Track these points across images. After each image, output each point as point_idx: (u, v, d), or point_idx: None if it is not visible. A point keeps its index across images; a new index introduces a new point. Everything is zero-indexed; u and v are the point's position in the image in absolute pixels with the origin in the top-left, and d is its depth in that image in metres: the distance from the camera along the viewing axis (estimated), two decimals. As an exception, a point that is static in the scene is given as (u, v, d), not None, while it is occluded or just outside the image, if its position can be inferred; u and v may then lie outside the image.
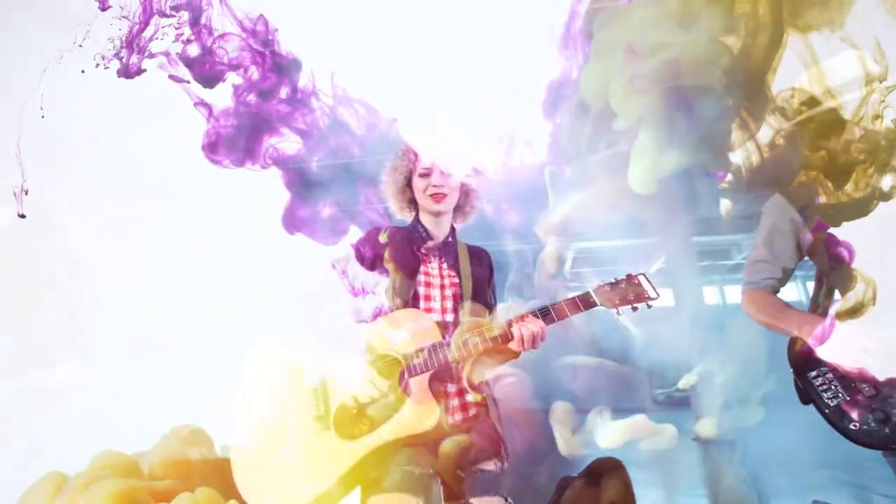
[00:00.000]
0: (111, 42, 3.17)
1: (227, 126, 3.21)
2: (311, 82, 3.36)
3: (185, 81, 3.19)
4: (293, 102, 3.31)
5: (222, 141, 3.21)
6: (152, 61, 3.20)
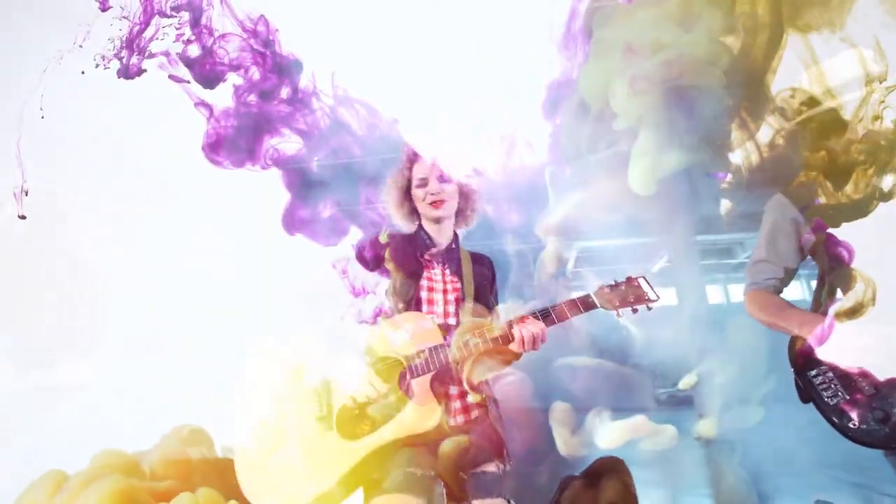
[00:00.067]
0: (111, 42, 3.17)
1: (228, 126, 3.21)
2: (312, 82, 3.36)
3: (186, 81, 3.19)
4: (294, 103, 3.31)
5: (223, 141, 3.21)
6: (152, 61, 3.20)
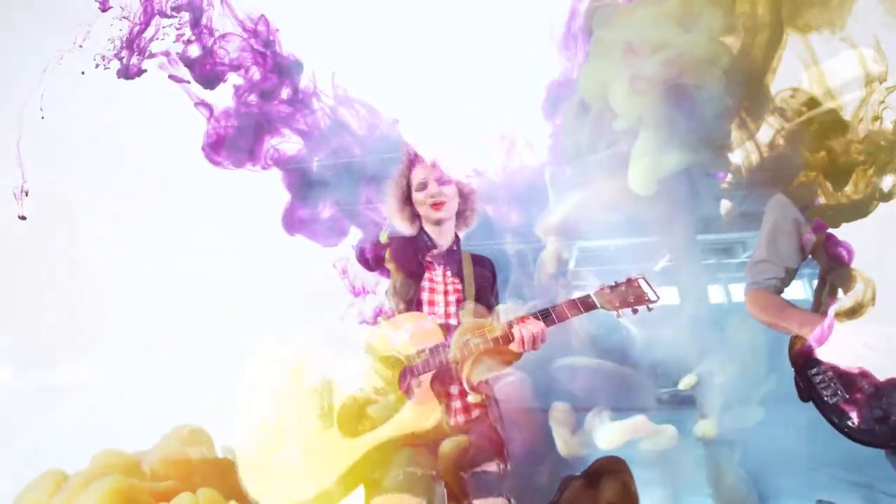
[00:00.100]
0: (111, 42, 3.17)
1: (228, 126, 3.21)
2: (313, 83, 3.36)
3: (186, 82, 3.19)
4: (294, 103, 3.30)
5: (223, 141, 3.20)
6: (153, 61, 3.20)
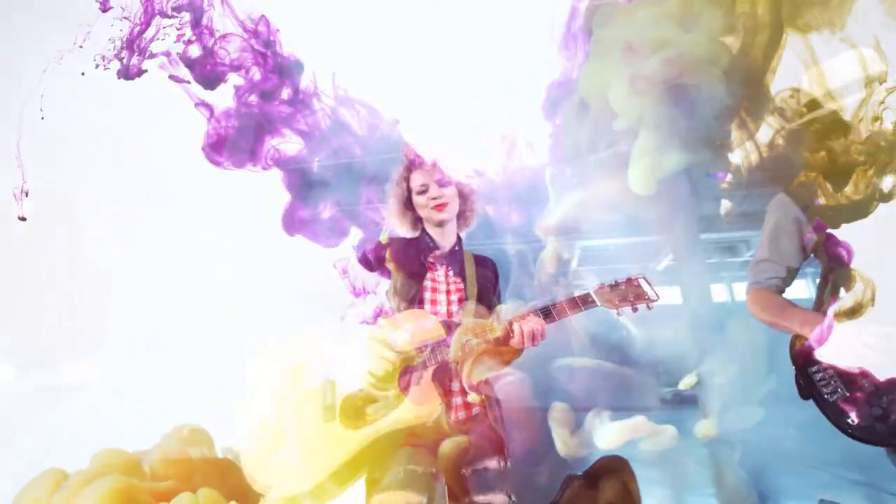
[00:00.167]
0: (111, 43, 3.17)
1: (229, 127, 3.21)
2: (313, 83, 3.36)
3: (186, 82, 3.19)
4: (295, 104, 3.30)
5: (223, 142, 3.20)
6: (153, 61, 3.20)
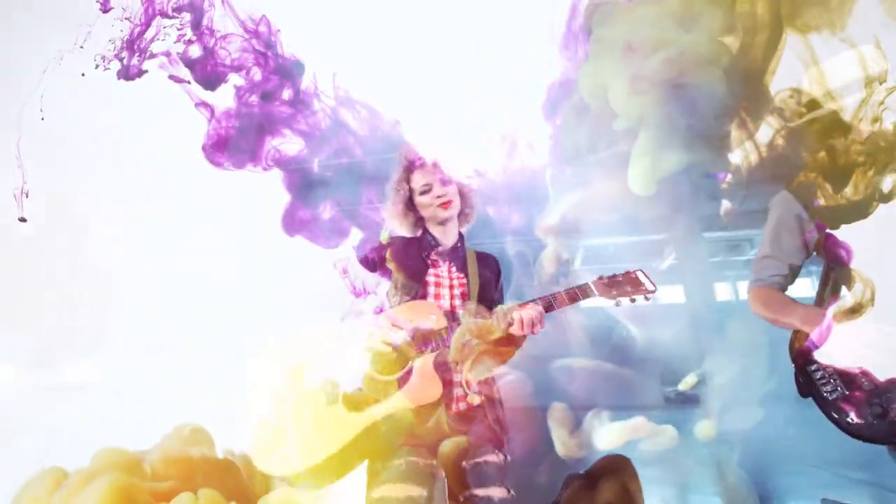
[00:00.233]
0: (112, 43, 3.16)
1: (229, 127, 3.21)
2: (314, 83, 3.36)
3: (186, 82, 3.19)
4: (295, 104, 3.31)
5: (224, 142, 3.21)
6: (153, 62, 3.20)
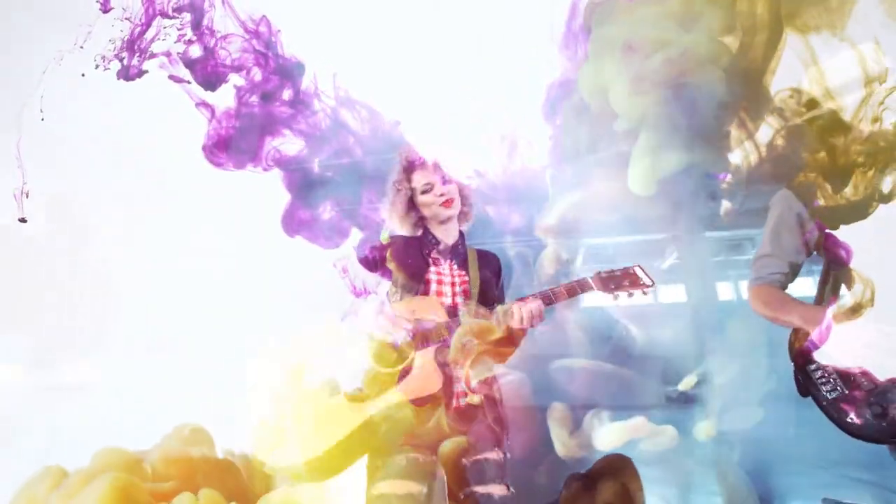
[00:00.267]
0: (112, 43, 3.16)
1: (230, 127, 3.21)
2: (314, 84, 3.36)
3: (186, 82, 3.19)
4: (296, 105, 3.31)
5: (224, 142, 3.20)
6: (153, 61, 3.20)
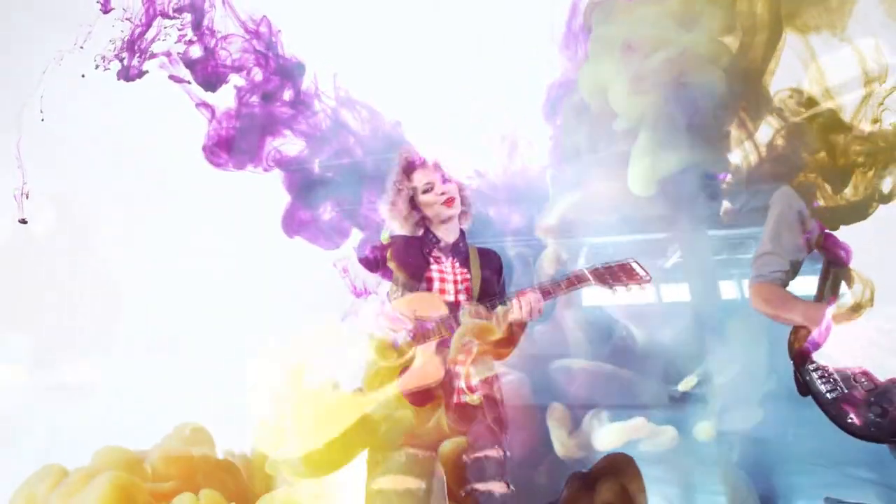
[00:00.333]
0: (112, 43, 3.16)
1: (230, 128, 3.21)
2: (314, 84, 3.36)
3: (187, 82, 3.19)
4: (296, 105, 3.31)
5: (224, 143, 3.21)
6: (154, 61, 3.20)
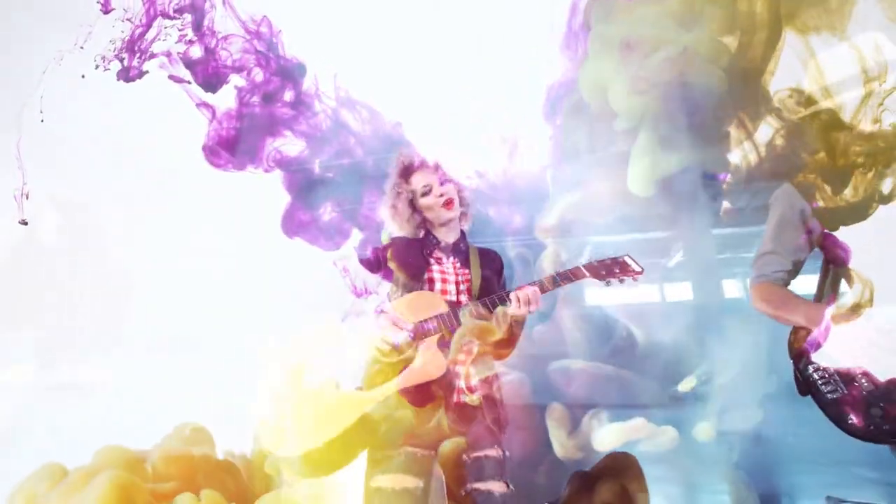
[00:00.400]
0: (112, 44, 3.16)
1: (230, 128, 3.21)
2: (315, 84, 3.36)
3: (187, 82, 3.19)
4: (297, 106, 3.31)
5: (225, 143, 3.21)
6: (154, 62, 3.20)
